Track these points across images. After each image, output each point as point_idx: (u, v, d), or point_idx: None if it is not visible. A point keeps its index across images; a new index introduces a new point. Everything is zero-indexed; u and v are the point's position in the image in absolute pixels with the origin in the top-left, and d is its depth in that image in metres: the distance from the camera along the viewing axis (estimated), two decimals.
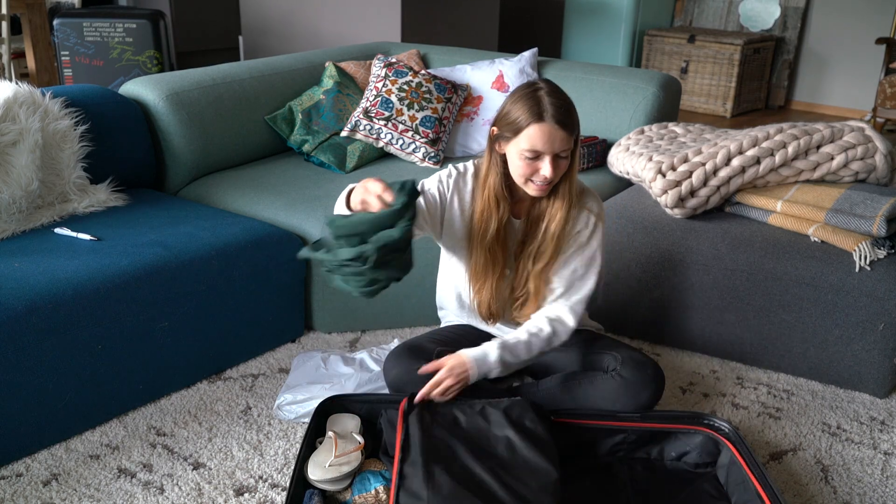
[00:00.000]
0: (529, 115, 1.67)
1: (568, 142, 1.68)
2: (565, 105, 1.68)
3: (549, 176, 1.69)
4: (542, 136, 1.66)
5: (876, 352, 2.15)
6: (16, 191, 2.16)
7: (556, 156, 1.69)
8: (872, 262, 2.14)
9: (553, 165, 1.69)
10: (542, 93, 1.68)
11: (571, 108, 1.70)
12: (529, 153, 1.68)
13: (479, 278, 1.86)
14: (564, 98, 1.70)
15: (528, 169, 1.71)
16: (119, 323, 1.93)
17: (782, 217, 2.31)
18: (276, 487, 1.79)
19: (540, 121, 1.66)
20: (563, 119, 1.67)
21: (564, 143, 1.68)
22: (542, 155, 1.68)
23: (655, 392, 1.88)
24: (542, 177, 1.69)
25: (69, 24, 3.96)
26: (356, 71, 3.14)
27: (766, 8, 5.94)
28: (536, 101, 1.67)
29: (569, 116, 1.68)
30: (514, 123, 1.69)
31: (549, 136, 1.66)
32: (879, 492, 1.84)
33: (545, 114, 1.66)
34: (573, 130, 1.69)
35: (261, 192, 2.55)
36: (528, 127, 1.67)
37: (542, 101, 1.67)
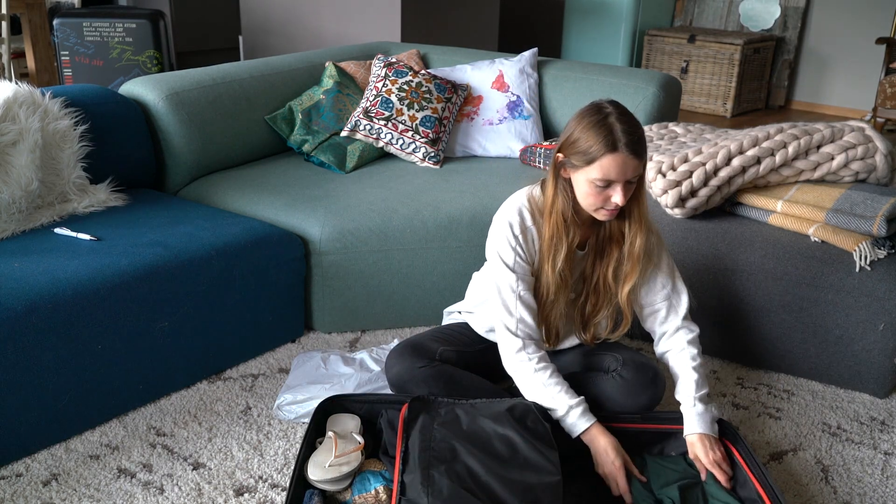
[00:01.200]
0: (603, 146, 1.60)
1: (640, 168, 1.64)
2: (637, 131, 1.62)
3: (621, 203, 1.65)
4: (617, 167, 1.61)
5: (876, 352, 2.15)
6: (16, 191, 2.16)
7: (628, 182, 1.65)
8: (872, 262, 2.14)
9: (625, 192, 1.65)
10: (613, 119, 1.62)
11: (642, 133, 1.64)
12: (601, 182, 1.64)
13: (549, 304, 1.81)
14: (634, 123, 1.64)
15: (600, 197, 1.66)
16: (119, 323, 1.93)
17: (782, 217, 2.31)
18: (276, 487, 1.79)
19: (614, 151, 1.60)
20: (637, 148, 1.61)
21: (637, 171, 1.64)
22: (614, 183, 1.64)
23: (656, 393, 1.88)
24: (614, 203, 1.66)
25: (69, 24, 3.96)
26: (356, 71, 3.14)
27: (766, 8, 5.94)
28: (609, 130, 1.61)
29: (641, 144, 1.62)
30: (585, 153, 1.63)
31: (622, 165, 1.61)
32: (879, 492, 1.84)
33: (619, 143, 1.60)
34: (644, 156, 1.65)
35: (261, 192, 2.55)
36: (601, 157, 1.61)
37: (615, 129, 1.61)
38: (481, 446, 1.61)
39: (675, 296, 1.89)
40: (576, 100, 3.05)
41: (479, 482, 1.52)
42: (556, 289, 1.78)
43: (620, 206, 1.67)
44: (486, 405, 1.73)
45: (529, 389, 1.76)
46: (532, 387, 1.76)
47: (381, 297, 2.44)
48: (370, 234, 2.37)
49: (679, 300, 1.89)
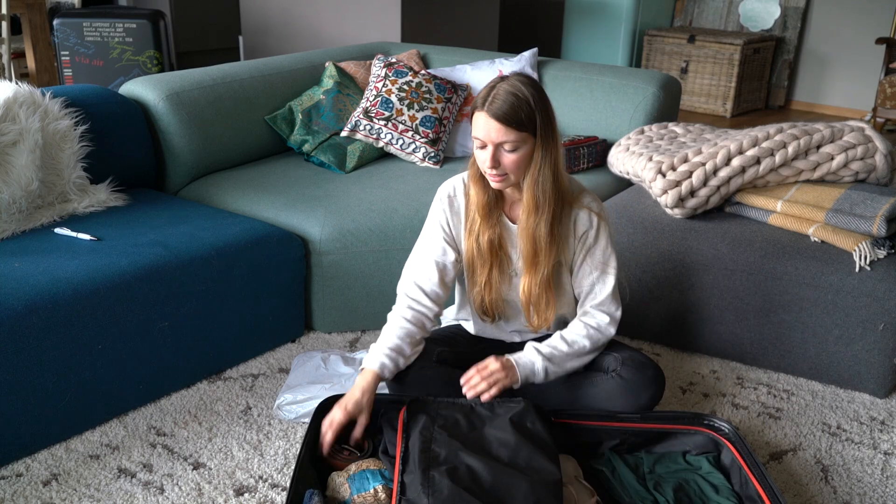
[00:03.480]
0: (477, 102, 1.70)
1: (509, 135, 1.67)
2: (513, 100, 1.66)
3: (487, 165, 1.70)
4: (479, 124, 1.69)
5: (876, 352, 2.15)
6: (16, 191, 2.16)
7: (499, 147, 1.69)
8: (872, 262, 2.14)
9: (494, 156, 1.69)
10: (501, 84, 1.69)
11: (519, 104, 1.66)
12: (476, 140, 1.71)
13: (471, 269, 1.87)
14: (518, 94, 1.67)
15: (480, 157, 1.73)
16: (119, 323, 1.93)
17: (782, 217, 2.31)
18: (276, 487, 1.79)
19: (481, 109, 1.68)
20: (500, 113, 1.65)
21: (502, 136, 1.67)
22: (486, 144, 1.70)
23: (656, 393, 1.88)
24: (486, 166, 1.71)
25: (69, 24, 3.96)
26: (356, 71, 3.14)
27: (766, 8, 5.94)
28: (488, 91, 1.69)
29: (511, 112, 1.66)
30: (471, 111, 1.73)
31: (485, 126, 1.67)
32: (879, 492, 1.84)
33: (486, 104, 1.67)
34: (515, 125, 1.66)
35: (261, 192, 2.55)
36: (473, 113, 1.71)
37: (493, 91, 1.68)
38: (481, 447, 1.61)
39: (599, 285, 1.87)
40: (576, 100, 3.05)
41: (479, 483, 1.52)
42: (478, 258, 1.84)
43: (489, 168, 1.70)
44: (486, 406, 1.73)
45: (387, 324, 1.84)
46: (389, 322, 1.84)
47: (381, 297, 2.43)
48: (370, 234, 2.37)
49: (601, 291, 1.87)
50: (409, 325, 1.81)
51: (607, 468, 1.79)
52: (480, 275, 1.86)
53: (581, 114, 3.04)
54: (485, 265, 1.84)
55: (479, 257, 1.84)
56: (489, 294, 1.87)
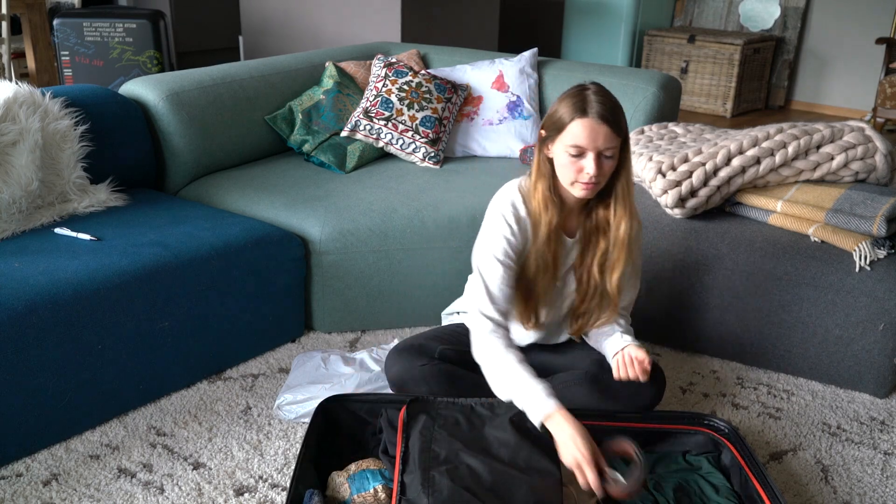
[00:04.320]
0: (573, 111, 1.65)
1: (613, 140, 1.65)
2: (610, 103, 1.66)
3: (593, 173, 1.65)
4: (585, 131, 1.64)
5: (876, 352, 2.15)
6: (16, 191, 2.16)
7: (601, 154, 1.66)
8: (872, 262, 2.14)
9: (597, 163, 1.66)
10: (589, 91, 1.67)
11: (617, 108, 1.67)
12: (573, 149, 1.66)
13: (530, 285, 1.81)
14: (610, 97, 1.68)
15: (574, 167, 1.67)
16: (119, 323, 1.93)
17: (782, 217, 2.31)
18: (276, 487, 1.79)
19: (583, 115, 1.64)
20: (607, 115, 1.64)
21: (608, 141, 1.65)
22: (586, 151, 1.66)
23: (656, 393, 1.88)
24: (587, 175, 1.66)
25: (69, 24, 3.96)
26: (356, 71, 3.14)
27: (766, 8, 5.94)
28: (581, 98, 1.66)
29: (613, 113, 1.65)
30: (558, 121, 1.68)
31: (591, 130, 1.64)
32: (879, 492, 1.84)
33: (589, 109, 1.64)
34: (618, 129, 1.66)
35: (261, 192, 2.55)
36: (571, 122, 1.65)
37: (587, 97, 1.66)
38: (481, 447, 1.61)
39: (629, 290, 1.90)
40: None
41: (479, 483, 1.52)
42: (535, 270, 1.79)
43: (594, 178, 1.66)
44: (486, 406, 1.73)
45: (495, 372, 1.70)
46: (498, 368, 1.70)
47: (381, 297, 2.43)
48: (370, 234, 2.37)
49: (632, 294, 1.92)
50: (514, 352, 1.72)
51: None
52: (541, 288, 1.81)
53: None
54: (546, 279, 1.80)
55: (543, 272, 1.79)
56: (545, 306, 1.85)
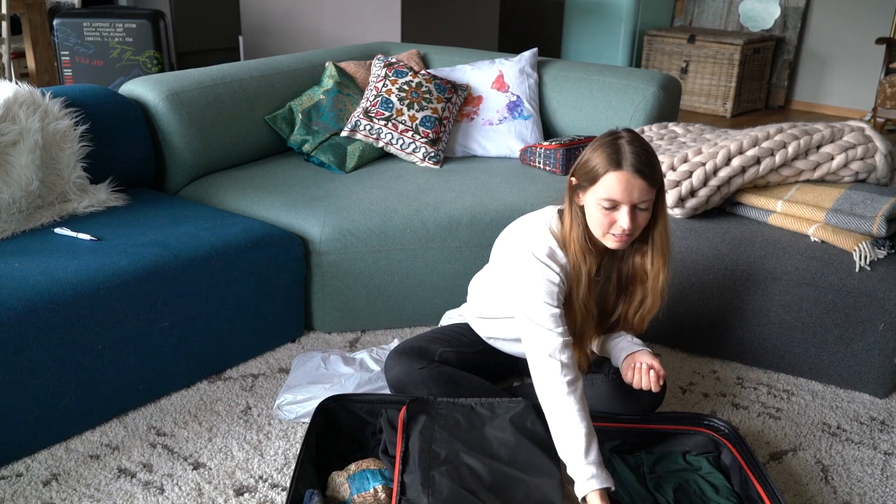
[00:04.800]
0: (607, 163, 1.60)
1: (648, 192, 1.60)
2: (646, 154, 1.60)
3: (627, 227, 1.61)
4: (620, 185, 1.59)
5: (876, 352, 2.15)
6: (16, 191, 2.16)
7: (635, 206, 1.61)
8: (872, 262, 2.14)
9: (631, 216, 1.61)
10: (623, 141, 1.61)
11: (653, 159, 1.61)
12: (606, 202, 1.61)
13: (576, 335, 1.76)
14: (646, 147, 1.61)
15: (606, 220, 1.63)
16: (119, 323, 1.93)
17: (782, 217, 2.31)
18: (276, 487, 1.79)
19: (618, 168, 1.59)
20: (643, 168, 1.58)
21: (644, 194, 1.60)
22: (620, 205, 1.61)
23: (657, 394, 1.88)
24: (620, 228, 1.61)
25: (69, 24, 3.96)
26: (356, 71, 3.15)
27: (766, 8, 5.94)
28: (616, 149, 1.60)
29: (650, 166, 1.60)
30: (591, 171, 1.63)
31: (626, 184, 1.58)
32: (879, 492, 1.84)
33: (624, 161, 1.59)
34: (654, 181, 1.61)
35: (261, 192, 2.55)
36: (605, 175, 1.60)
37: (622, 148, 1.60)
38: (481, 447, 1.61)
39: None
40: (576, 100, 3.05)
41: (479, 483, 1.52)
42: (581, 319, 1.74)
43: (627, 231, 1.62)
44: (486, 406, 1.73)
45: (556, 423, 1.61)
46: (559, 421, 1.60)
47: (381, 297, 2.44)
48: (370, 234, 2.37)
49: None
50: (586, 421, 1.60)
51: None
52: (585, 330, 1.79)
53: (581, 114, 3.04)
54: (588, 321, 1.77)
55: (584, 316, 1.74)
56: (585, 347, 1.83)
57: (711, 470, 1.78)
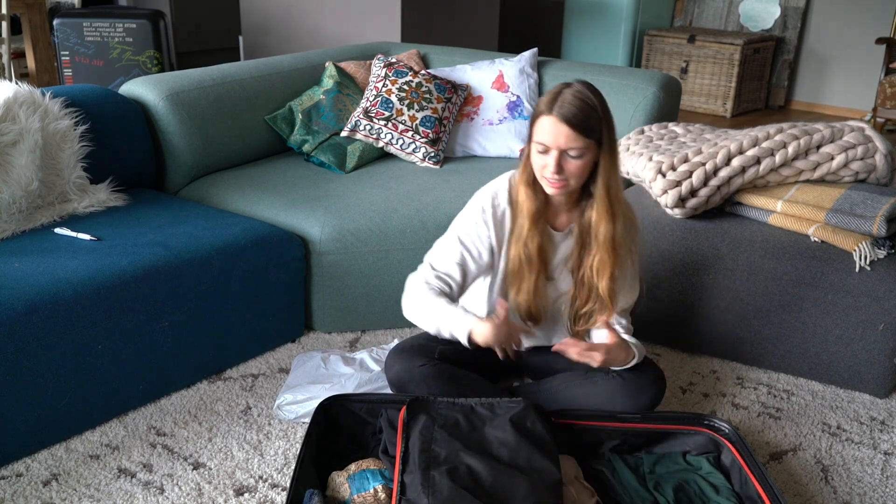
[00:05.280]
0: (543, 107, 1.68)
1: (577, 141, 1.66)
2: (583, 105, 1.66)
3: (552, 171, 1.68)
4: (548, 130, 1.67)
5: (876, 352, 2.15)
6: (16, 191, 2.16)
7: (564, 153, 1.68)
8: (872, 262, 2.14)
9: (558, 161, 1.68)
10: (567, 90, 1.68)
11: (589, 111, 1.66)
12: (539, 145, 1.70)
13: (514, 279, 1.85)
14: (586, 100, 1.67)
15: (539, 162, 1.72)
16: (119, 323, 1.93)
17: (782, 217, 2.31)
18: (276, 487, 1.79)
19: (549, 113, 1.67)
20: (571, 118, 1.65)
21: (572, 142, 1.66)
22: (549, 149, 1.68)
23: (656, 393, 1.88)
24: (549, 171, 1.69)
25: (69, 24, 3.96)
26: (356, 71, 3.15)
27: (766, 8, 5.94)
28: (555, 96, 1.68)
29: (580, 116, 1.65)
30: (533, 115, 1.72)
31: (554, 130, 1.66)
32: (879, 492, 1.84)
33: (556, 107, 1.66)
34: (585, 132, 1.66)
35: (261, 192, 2.55)
36: (539, 118, 1.69)
37: (561, 96, 1.67)
38: (481, 447, 1.61)
39: (627, 295, 1.91)
40: None
41: (479, 483, 1.52)
42: (519, 261, 1.81)
43: (554, 174, 1.69)
44: (486, 406, 1.73)
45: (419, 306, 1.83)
46: (422, 303, 1.82)
47: (381, 297, 2.43)
48: (370, 234, 2.37)
49: (630, 298, 1.92)
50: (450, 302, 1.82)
51: (607, 468, 1.79)
52: (528, 281, 1.83)
53: None
54: (532, 271, 1.82)
55: (527, 264, 1.82)
56: (536, 300, 1.86)
57: (711, 470, 1.78)
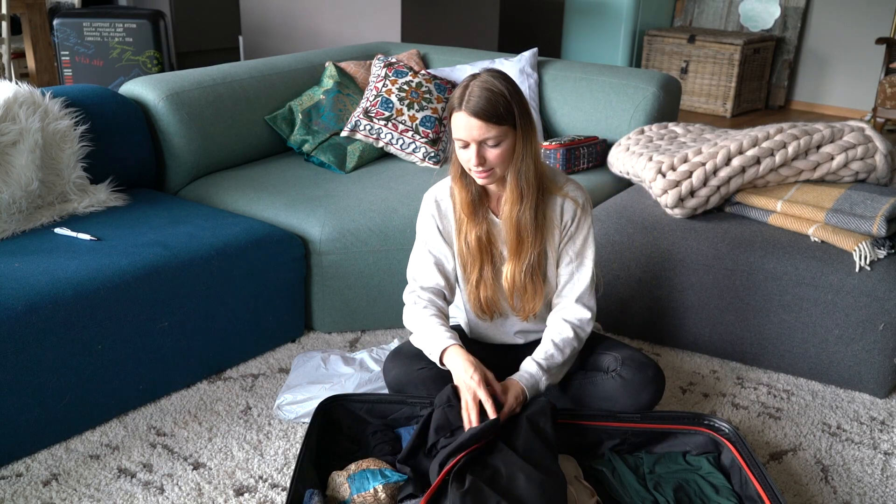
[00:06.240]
0: (454, 103, 1.70)
1: (489, 130, 1.67)
2: (489, 95, 1.67)
3: (474, 163, 1.70)
4: (461, 124, 1.69)
5: (876, 352, 2.15)
6: (16, 191, 2.16)
7: (483, 144, 1.69)
8: (872, 262, 2.14)
9: (479, 153, 1.69)
10: (474, 82, 1.69)
11: (496, 99, 1.67)
12: (458, 142, 1.72)
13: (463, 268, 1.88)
14: (492, 88, 1.68)
15: (463, 157, 1.73)
16: (119, 323, 1.93)
17: (782, 217, 2.31)
18: (276, 487, 1.79)
19: (459, 109, 1.68)
20: (479, 110, 1.66)
21: (484, 132, 1.67)
22: (468, 143, 1.70)
23: (656, 393, 1.88)
24: (473, 164, 1.71)
25: (69, 24, 3.96)
26: (356, 71, 3.15)
27: (766, 8, 5.94)
28: (464, 91, 1.69)
29: (487, 107, 1.66)
30: (447, 112, 1.74)
31: (465, 124, 1.68)
32: (879, 492, 1.84)
33: (464, 103, 1.67)
34: (495, 119, 1.67)
35: (261, 192, 2.55)
36: (451, 115, 1.71)
37: (468, 90, 1.68)
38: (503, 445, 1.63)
39: (577, 274, 1.87)
40: (576, 100, 3.05)
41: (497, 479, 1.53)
42: (469, 257, 1.85)
43: (476, 166, 1.70)
44: None
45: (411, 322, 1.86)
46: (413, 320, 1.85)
47: (381, 297, 2.43)
48: (370, 234, 2.37)
49: (580, 281, 1.87)
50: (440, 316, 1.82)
51: (607, 468, 1.79)
52: (472, 273, 1.86)
53: (581, 114, 3.04)
54: (475, 263, 1.85)
55: (469, 256, 1.85)
56: (484, 291, 1.87)
57: (711, 470, 1.78)
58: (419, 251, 1.91)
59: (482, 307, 1.90)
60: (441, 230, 1.87)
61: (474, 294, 1.88)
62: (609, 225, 2.43)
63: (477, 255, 1.84)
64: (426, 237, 1.89)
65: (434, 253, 1.88)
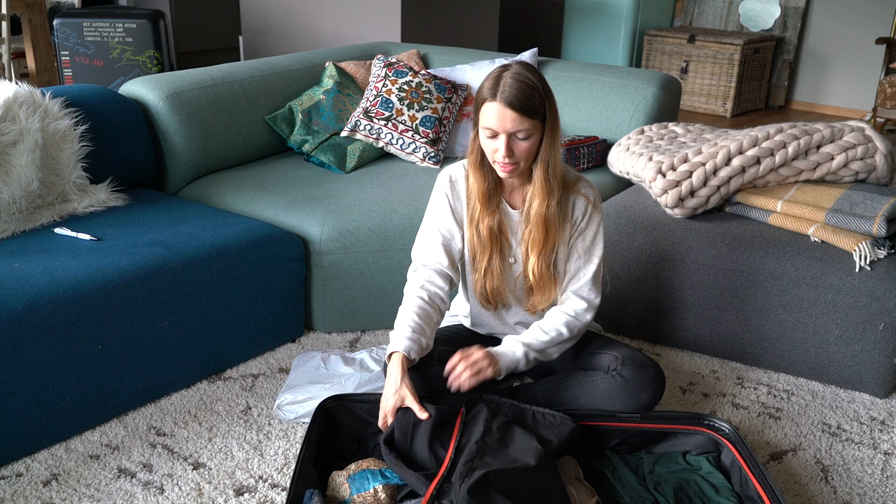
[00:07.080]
0: (486, 93, 1.70)
1: (522, 123, 1.68)
2: (524, 87, 1.68)
3: (503, 154, 1.70)
4: (493, 115, 1.69)
5: (876, 352, 2.15)
6: (16, 191, 2.16)
7: (513, 136, 1.70)
8: (872, 262, 2.14)
9: (508, 145, 1.70)
10: (507, 73, 1.70)
11: (531, 92, 1.68)
12: (487, 131, 1.72)
13: (477, 262, 1.88)
14: (526, 82, 1.69)
15: (490, 147, 1.74)
16: (119, 323, 1.93)
17: (782, 217, 2.31)
18: (276, 487, 1.79)
19: (493, 99, 1.68)
20: (514, 101, 1.67)
21: (517, 124, 1.68)
22: (498, 133, 1.70)
23: (656, 392, 1.88)
24: (500, 155, 1.71)
25: (69, 24, 3.96)
26: (356, 71, 3.15)
27: (766, 8, 5.94)
28: (496, 81, 1.69)
29: (522, 99, 1.67)
30: (477, 100, 1.74)
31: (498, 114, 1.68)
32: (879, 492, 1.84)
33: (499, 93, 1.68)
34: (529, 112, 1.68)
35: (261, 192, 2.55)
36: (483, 105, 1.71)
37: (502, 81, 1.69)
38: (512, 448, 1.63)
39: (582, 269, 1.89)
40: (576, 100, 3.05)
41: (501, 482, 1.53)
42: (479, 245, 1.85)
43: (505, 157, 1.71)
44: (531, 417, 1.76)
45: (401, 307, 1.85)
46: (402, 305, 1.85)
47: (381, 297, 2.44)
48: (370, 234, 2.37)
49: (583, 275, 1.89)
50: (425, 305, 1.82)
51: (607, 468, 1.79)
52: (481, 261, 1.87)
53: (581, 114, 3.04)
54: (485, 252, 1.86)
55: (479, 244, 1.86)
56: (490, 281, 1.88)
57: (711, 470, 1.78)
58: (427, 230, 1.91)
59: (487, 297, 1.91)
60: (453, 209, 1.88)
61: (480, 283, 1.89)
62: (609, 225, 2.43)
63: (488, 244, 1.85)
64: (437, 216, 1.89)
65: (443, 232, 1.88)
